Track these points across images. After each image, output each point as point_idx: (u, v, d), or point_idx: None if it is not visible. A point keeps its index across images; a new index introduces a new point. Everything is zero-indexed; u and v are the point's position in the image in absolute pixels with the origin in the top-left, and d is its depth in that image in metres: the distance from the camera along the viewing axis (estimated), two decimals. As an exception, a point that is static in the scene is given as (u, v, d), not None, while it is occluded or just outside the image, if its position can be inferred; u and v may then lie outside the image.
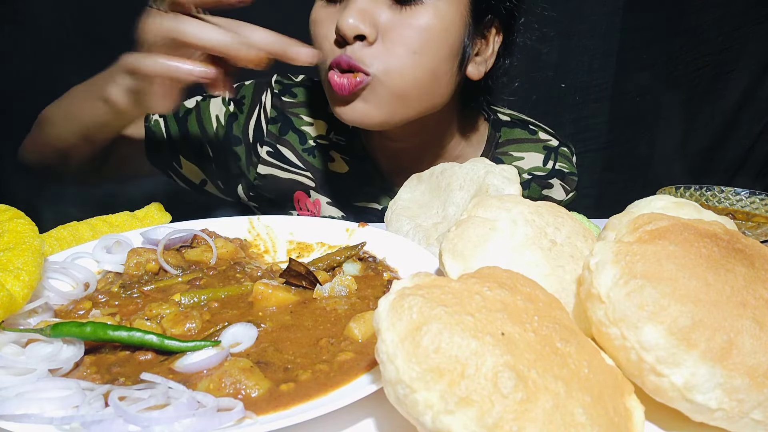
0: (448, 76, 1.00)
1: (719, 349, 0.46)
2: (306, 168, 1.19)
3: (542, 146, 1.24)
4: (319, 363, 0.55)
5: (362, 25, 0.90)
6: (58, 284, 0.70)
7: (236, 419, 0.46)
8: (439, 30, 0.94)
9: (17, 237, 0.67)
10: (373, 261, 0.80)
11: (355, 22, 0.90)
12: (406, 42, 0.93)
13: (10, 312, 0.58)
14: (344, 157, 1.19)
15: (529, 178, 1.21)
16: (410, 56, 0.93)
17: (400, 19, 0.92)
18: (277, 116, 1.18)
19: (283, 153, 1.18)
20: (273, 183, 1.19)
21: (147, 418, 0.44)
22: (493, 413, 0.39)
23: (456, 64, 1.00)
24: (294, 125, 1.18)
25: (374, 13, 0.92)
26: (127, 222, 0.90)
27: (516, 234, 0.65)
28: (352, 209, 1.19)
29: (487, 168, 0.85)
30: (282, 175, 1.19)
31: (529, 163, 1.22)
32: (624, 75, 1.83)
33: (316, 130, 1.19)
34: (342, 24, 0.90)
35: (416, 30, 0.92)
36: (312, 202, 1.19)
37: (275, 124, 1.18)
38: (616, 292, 0.50)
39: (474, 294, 0.46)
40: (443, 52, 0.96)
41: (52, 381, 0.50)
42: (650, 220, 0.58)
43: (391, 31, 0.92)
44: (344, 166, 1.19)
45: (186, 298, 0.67)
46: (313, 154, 1.18)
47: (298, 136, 1.18)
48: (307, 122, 1.19)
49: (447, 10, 0.94)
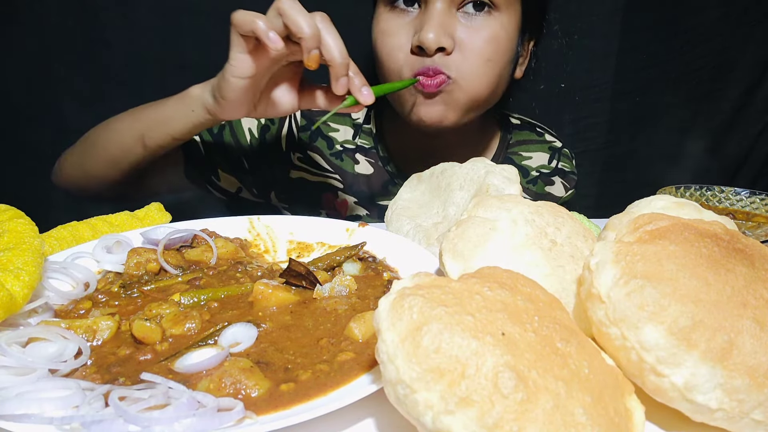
0: (507, 79, 1.15)
1: (720, 349, 0.46)
2: (334, 171, 1.28)
3: (548, 147, 1.36)
4: (320, 363, 0.55)
5: (443, 38, 1.02)
6: (58, 284, 0.70)
7: (236, 419, 0.46)
8: (505, 39, 1.07)
9: (17, 237, 0.67)
10: (373, 261, 0.80)
11: (437, 36, 1.01)
12: (479, 51, 1.05)
13: (10, 312, 0.58)
14: (369, 160, 1.28)
15: (537, 176, 1.33)
16: (484, 64, 1.06)
17: (472, 31, 1.05)
18: (306, 124, 1.27)
19: (313, 158, 1.27)
20: (303, 186, 1.28)
21: (147, 418, 0.44)
22: (493, 413, 0.39)
23: (512, 67, 1.15)
24: (322, 132, 1.28)
25: (450, 26, 1.04)
26: (127, 222, 0.90)
27: (516, 234, 0.65)
28: (377, 207, 1.28)
29: (487, 168, 0.85)
30: (312, 178, 1.28)
31: (537, 162, 1.34)
32: (624, 75, 1.83)
33: (342, 135, 1.29)
34: (425, 39, 1.01)
35: (486, 40, 1.05)
36: (339, 202, 1.28)
37: (305, 131, 1.27)
38: (616, 292, 0.50)
39: (474, 294, 0.46)
40: (507, 57, 1.10)
41: (52, 381, 0.50)
42: (650, 220, 0.58)
43: (466, 42, 1.04)
44: (369, 167, 1.28)
45: (186, 298, 0.67)
46: (341, 158, 1.28)
47: (326, 141, 1.28)
48: (333, 129, 1.29)
49: (509, 21, 1.07)
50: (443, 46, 1.03)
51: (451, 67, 1.05)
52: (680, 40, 1.85)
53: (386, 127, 1.29)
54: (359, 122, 1.29)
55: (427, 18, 1.02)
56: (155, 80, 1.52)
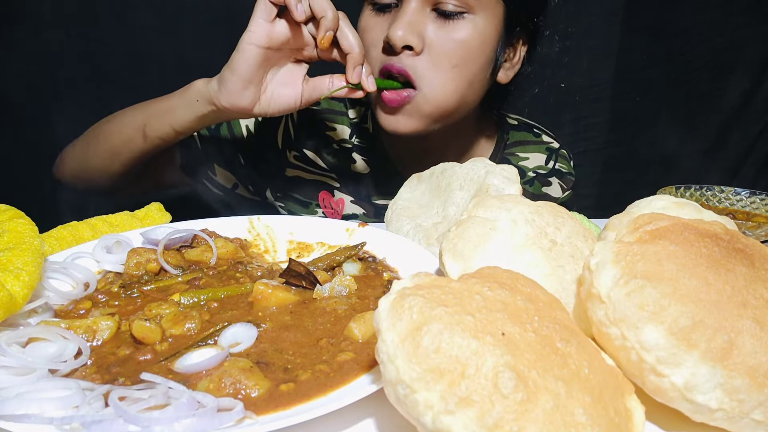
0: (481, 84, 1.11)
1: (720, 349, 0.46)
2: (330, 169, 1.28)
3: (545, 147, 1.36)
4: (319, 363, 0.55)
5: (411, 36, 1.00)
6: (58, 284, 0.70)
7: (236, 419, 0.46)
8: (477, 43, 1.04)
9: (17, 237, 0.67)
10: (373, 261, 0.80)
11: (404, 34, 1.00)
12: (448, 55, 1.03)
13: (10, 312, 0.58)
14: (365, 159, 1.28)
15: (533, 176, 1.32)
16: (451, 69, 1.04)
17: (443, 33, 1.02)
18: (303, 123, 1.26)
19: (309, 156, 1.27)
20: (300, 184, 1.27)
21: (147, 418, 0.44)
22: (493, 413, 0.38)
23: (489, 72, 1.11)
24: (318, 131, 1.27)
25: (421, 25, 1.02)
26: (127, 222, 0.90)
27: (516, 234, 0.65)
28: (373, 206, 1.28)
29: (487, 168, 0.85)
30: (308, 177, 1.28)
31: (534, 163, 1.33)
32: (624, 75, 1.83)
33: (339, 135, 1.28)
34: (392, 35, 1.00)
35: (457, 43, 1.03)
36: (336, 200, 1.28)
37: (301, 130, 1.26)
38: (616, 292, 0.50)
39: (474, 294, 0.46)
40: (479, 62, 1.07)
41: (52, 381, 0.50)
42: (650, 220, 0.58)
43: (435, 44, 1.02)
44: (366, 166, 1.28)
45: (186, 298, 0.67)
46: (337, 157, 1.27)
47: (323, 140, 1.27)
48: (330, 128, 1.28)
49: (485, 25, 1.04)
50: (410, 45, 1.01)
51: (417, 70, 1.03)
52: (680, 40, 1.85)
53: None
54: (356, 121, 1.28)
55: (398, 15, 1.02)
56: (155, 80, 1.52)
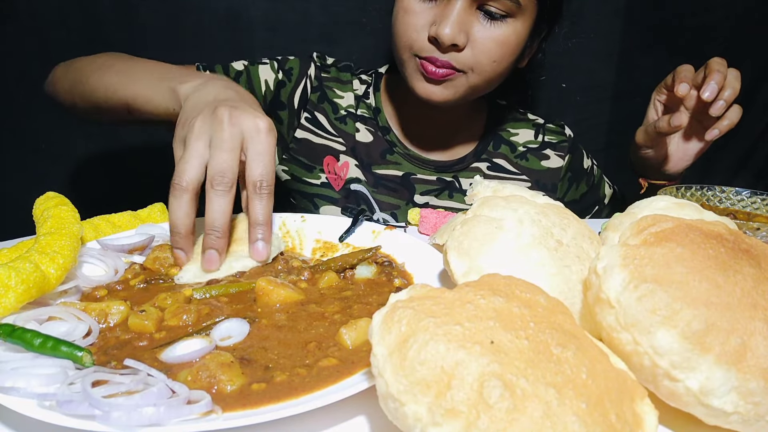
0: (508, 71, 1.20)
1: (733, 352, 0.45)
2: (338, 134, 1.33)
3: (532, 123, 1.43)
4: (300, 366, 0.55)
5: (459, 35, 1.06)
6: (91, 268, 0.74)
7: (201, 412, 0.46)
8: (515, 45, 1.13)
9: (59, 222, 0.72)
10: (389, 265, 0.80)
11: (453, 33, 1.05)
12: (489, 54, 1.10)
13: (43, 292, 0.62)
14: (369, 129, 1.33)
15: (524, 150, 1.40)
16: (490, 64, 1.12)
17: (487, 33, 1.09)
18: (317, 86, 1.33)
19: (319, 119, 1.32)
20: (307, 147, 1.32)
21: (108, 403, 0.45)
22: (479, 424, 0.37)
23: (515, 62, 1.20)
24: (328, 96, 1.33)
25: (468, 24, 1.07)
26: (129, 222, 0.89)
27: (522, 234, 0.65)
28: (373, 176, 1.33)
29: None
30: (316, 140, 1.32)
31: (523, 138, 1.41)
32: (625, 75, 1.83)
33: (346, 101, 1.34)
34: (441, 33, 1.05)
35: (498, 44, 1.10)
36: (340, 165, 1.32)
37: (315, 93, 1.32)
38: (626, 297, 0.49)
39: (466, 303, 0.45)
40: (513, 58, 1.16)
41: (50, 359, 0.52)
42: (654, 222, 0.57)
43: (479, 42, 1.09)
44: (369, 136, 1.33)
45: (198, 293, 0.68)
46: (345, 122, 1.33)
47: (332, 106, 1.33)
48: (338, 95, 1.34)
49: (522, 27, 1.12)
50: (456, 43, 1.06)
51: (459, 62, 1.10)
52: (681, 41, 1.85)
53: (385, 99, 1.35)
54: (359, 94, 1.35)
55: (447, 13, 1.06)
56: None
